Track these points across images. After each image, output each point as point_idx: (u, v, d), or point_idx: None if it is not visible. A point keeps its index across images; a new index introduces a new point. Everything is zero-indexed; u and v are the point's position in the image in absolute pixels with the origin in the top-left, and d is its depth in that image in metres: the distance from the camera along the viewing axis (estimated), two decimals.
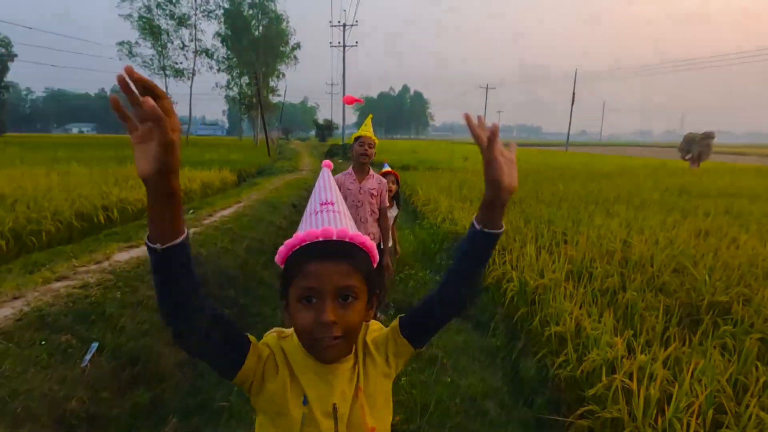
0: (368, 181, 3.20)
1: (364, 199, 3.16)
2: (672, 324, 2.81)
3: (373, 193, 3.19)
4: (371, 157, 3.16)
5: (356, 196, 3.18)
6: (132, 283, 3.61)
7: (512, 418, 2.34)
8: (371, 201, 3.18)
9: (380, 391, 0.89)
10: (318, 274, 0.80)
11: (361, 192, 3.16)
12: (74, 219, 6.05)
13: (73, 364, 2.62)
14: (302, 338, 0.83)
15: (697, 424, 1.80)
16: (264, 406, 0.85)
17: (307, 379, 0.84)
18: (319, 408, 0.83)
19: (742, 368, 2.30)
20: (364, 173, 3.22)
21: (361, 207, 3.17)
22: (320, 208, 0.89)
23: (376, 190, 3.20)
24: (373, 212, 3.21)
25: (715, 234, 5.21)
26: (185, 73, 34.87)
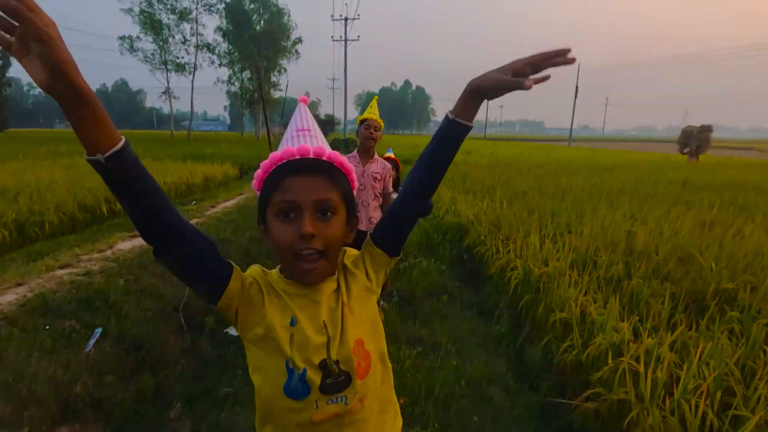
0: (372, 164, 3.17)
1: (367, 183, 3.13)
2: (678, 310, 2.79)
3: (377, 177, 3.14)
4: (377, 140, 3.12)
5: (359, 179, 3.14)
6: (135, 271, 3.61)
7: (517, 403, 2.33)
8: (374, 185, 3.15)
9: (365, 307, 0.90)
10: (296, 188, 0.80)
11: (365, 175, 3.13)
12: (77, 211, 6.05)
13: (77, 349, 2.62)
14: (283, 255, 0.82)
15: (705, 405, 1.79)
16: (251, 334, 0.84)
17: (293, 302, 0.84)
18: (308, 326, 0.83)
19: (749, 353, 2.29)
20: (369, 156, 3.17)
21: (363, 190, 3.13)
22: (296, 133, 0.88)
23: (379, 174, 3.16)
24: (376, 196, 3.17)
25: (720, 225, 5.17)
26: (187, 68, 34.78)
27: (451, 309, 3.62)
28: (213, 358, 3.34)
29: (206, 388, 2.95)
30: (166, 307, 3.45)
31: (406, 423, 2.17)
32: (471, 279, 4.52)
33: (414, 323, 3.31)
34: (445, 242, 5.37)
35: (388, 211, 0.95)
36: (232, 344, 3.46)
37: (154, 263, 3.87)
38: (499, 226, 5.16)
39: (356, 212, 0.92)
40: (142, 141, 26.37)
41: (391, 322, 3.32)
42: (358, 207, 3.20)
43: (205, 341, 3.54)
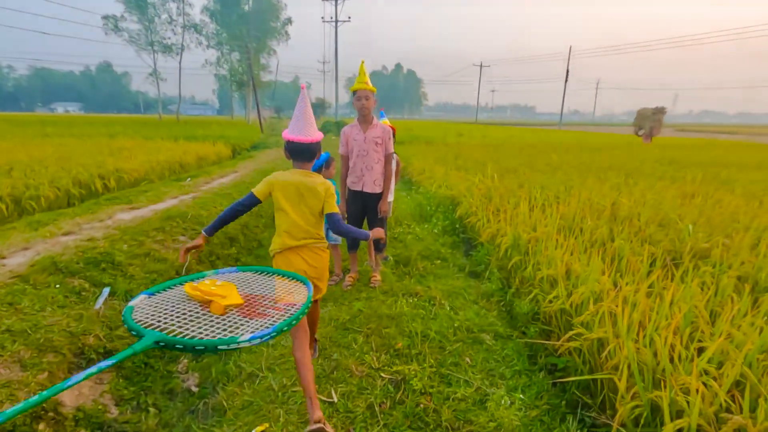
0: (372, 130, 3.35)
1: (369, 148, 3.34)
2: (656, 267, 2.97)
3: (378, 142, 3.34)
4: (370, 108, 3.28)
5: (362, 146, 3.35)
6: (138, 237, 3.70)
7: (506, 345, 2.51)
8: (376, 149, 3.35)
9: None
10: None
11: (366, 141, 3.33)
12: (72, 186, 6.07)
13: (88, 305, 2.74)
14: None
15: (674, 338, 1.97)
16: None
17: None
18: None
19: (719, 301, 2.48)
20: (368, 123, 3.36)
21: (366, 156, 3.35)
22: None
23: (380, 138, 3.36)
24: (379, 160, 3.38)
25: (702, 196, 5.38)
26: (174, 49, 34.07)
27: (444, 270, 3.79)
28: None
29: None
30: (169, 270, 3.56)
31: (404, 362, 2.35)
32: (463, 246, 4.69)
33: (410, 281, 3.48)
34: (438, 213, 5.52)
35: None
36: None
37: (155, 230, 3.97)
38: (490, 198, 5.32)
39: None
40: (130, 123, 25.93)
41: (388, 279, 3.48)
42: (363, 171, 3.38)
43: None
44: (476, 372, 2.20)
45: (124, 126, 22.22)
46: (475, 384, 2.08)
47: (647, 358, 1.90)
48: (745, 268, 2.92)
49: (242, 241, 4.96)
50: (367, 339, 2.45)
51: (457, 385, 2.08)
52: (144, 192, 5.65)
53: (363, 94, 3.23)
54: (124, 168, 7.45)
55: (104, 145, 10.27)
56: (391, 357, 2.27)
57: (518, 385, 2.14)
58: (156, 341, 1.07)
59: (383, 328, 2.54)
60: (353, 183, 3.44)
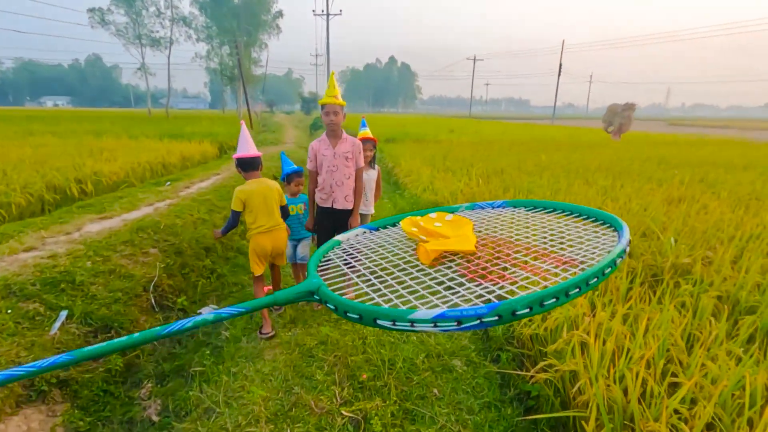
0: (342, 145, 3.21)
1: (339, 163, 3.19)
2: (635, 284, 2.89)
3: (348, 157, 3.20)
4: (338, 123, 3.14)
5: (331, 161, 3.20)
6: (103, 252, 3.56)
7: (478, 374, 2.42)
8: (346, 164, 3.21)
9: None
10: None
11: (336, 156, 3.19)
12: (45, 191, 5.89)
13: (42, 331, 2.61)
14: None
15: (647, 373, 1.89)
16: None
17: None
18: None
19: (697, 324, 2.40)
20: (338, 137, 3.22)
21: (336, 171, 3.21)
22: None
23: (350, 153, 3.22)
24: (350, 175, 3.25)
25: (688, 201, 5.32)
26: (162, 42, 33.50)
27: None
28: (185, 337, 3.36)
29: (178, 366, 2.97)
30: (136, 287, 3.43)
31: (368, 396, 2.25)
32: None
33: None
34: None
35: None
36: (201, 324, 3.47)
37: (123, 244, 3.83)
38: None
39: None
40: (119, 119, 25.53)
41: (361, 296, 3.37)
42: (333, 187, 3.23)
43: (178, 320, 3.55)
44: (443, 405, 2.11)
45: (112, 122, 21.86)
46: (441, 421, 1.99)
47: (617, 395, 1.81)
48: (726, 285, 2.84)
49: (219, 250, 4.83)
50: (332, 369, 2.34)
51: (422, 422, 1.98)
52: (119, 198, 5.48)
53: (332, 108, 3.07)
54: (103, 171, 7.26)
55: (86, 145, 10.04)
56: (354, 390, 2.17)
57: (486, 421, 2.04)
58: (310, 291, 0.85)
59: (349, 357, 2.43)
60: (322, 200, 3.31)
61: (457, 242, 0.91)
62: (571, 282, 0.68)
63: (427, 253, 0.87)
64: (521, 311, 0.63)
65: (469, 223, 1.02)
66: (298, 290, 0.86)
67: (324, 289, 0.84)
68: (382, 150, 13.57)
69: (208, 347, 3.13)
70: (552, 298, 0.66)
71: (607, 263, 0.75)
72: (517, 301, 0.64)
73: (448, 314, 0.63)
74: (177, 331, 0.78)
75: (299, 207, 3.74)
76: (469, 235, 0.95)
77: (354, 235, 1.14)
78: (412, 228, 1.00)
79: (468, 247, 0.89)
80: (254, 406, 2.09)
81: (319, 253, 1.03)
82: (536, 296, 0.64)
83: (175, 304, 3.66)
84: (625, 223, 0.91)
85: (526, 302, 0.64)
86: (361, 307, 0.72)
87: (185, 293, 3.88)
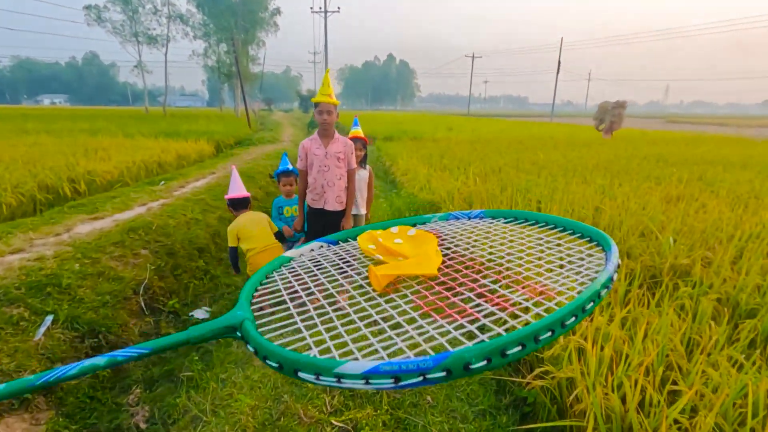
0: (334, 144, 3.16)
1: (331, 163, 3.15)
2: (634, 286, 2.84)
3: (340, 157, 3.16)
4: (331, 122, 3.08)
5: (323, 161, 3.15)
6: (92, 254, 3.49)
7: (473, 380, 2.36)
8: (338, 164, 3.17)
9: None
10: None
11: (327, 156, 3.15)
12: (37, 191, 5.81)
13: (26, 336, 2.54)
14: None
15: (645, 381, 1.83)
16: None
17: None
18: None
19: (696, 328, 2.35)
20: (329, 137, 3.17)
21: (327, 171, 3.17)
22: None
23: (342, 153, 3.18)
24: (341, 176, 3.21)
25: (686, 200, 5.27)
26: (159, 40, 33.32)
27: None
28: None
29: (167, 372, 2.91)
30: (125, 290, 3.36)
31: (358, 405, 2.19)
32: None
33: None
34: None
35: None
36: None
37: (113, 245, 3.76)
38: (471, 204, 5.16)
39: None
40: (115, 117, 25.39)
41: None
42: (324, 187, 3.20)
43: (168, 324, 3.48)
44: (437, 414, 2.05)
45: (108, 120, 21.71)
46: (434, 430, 1.93)
47: (615, 404, 1.75)
48: (726, 287, 2.79)
49: (213, 251, 4.77)
50: None
51: (415, 431, 1.92)
52: (112, 198, 5.41)
53: (325, 107, 3.02)
54: (97, 170, 7.18)
55: (80, 144, 9.95)
56: (345, 399, 2.11)
57: (481, 429, 1.99)
58: (232, 326, 0.71)
59: None
60: (314, 201, 3.27)
61: (415, 265, 0.80)
62: (543, 323, 0.55)
63: (377, 279, 0.76)
64: (477, 364, 0.50)
65: (433, 239, 0.90)
66: (216, 325, 0.72)
67: (247, 326, 0.70)
68: (380, 148, 13.50)
69: (198, 351, 3.06)
70: (517, 346, 0.52)
71: (588, 296, 0.63)
72: (472, 351, 0.51)
73: (382, 369, 0.50)
74: (57, 380, 0.64)
75: (294, 209, 3.71)
76: (431, 254, 0.84)
77: (309, 250, 1.04)
78: (369, 245, 0.90)
79: (428, 271, 0.78)
80: (242, 416, 2.03)
81: (261, 274, 0.90)
82: (496, 344, 0.51)
83: (166, 306, 3.60)
84: (614, 242, 0.80)
85: (484, 352, 0.51)
86: (280, 354, 0.60)
87: (177, 295, 3.82)
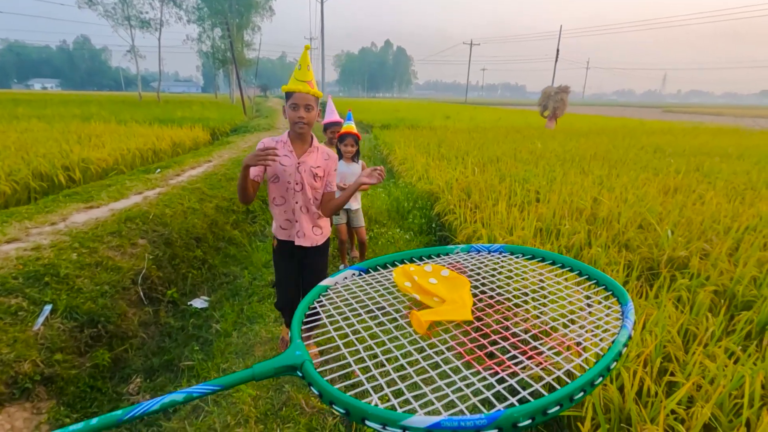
0: (311, 155, 2.21)
1: (305, 179, 2.19)
2: (632, 278, 2.86)
3: (318, 174, 2.22)
4: (311, 123, 2.13)
5: (293, 176, 2.18)
6: (89, 244, 3.46)
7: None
8: (314, 184, 2.23)
9: None
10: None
11: (300, 170, 2.18)
12: (31, 179, 5.74)
13: (25, 326, 2.53)
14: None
15: (644, 372, 1.86)
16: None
17: None
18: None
19: (694, 319, 2.37)
20: (306, 143, 2.22)
21: (300, 191, 2.21)
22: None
23: (321, 169, 2.23)
24: (315, 199, 2.28)
25: (684, 191, 5.29)
26: (152, 24, 32.67)
27: None
28: (175, 330, 3.30)
29: (167, 361, 2.92)
30: (123, 279, 3.35)
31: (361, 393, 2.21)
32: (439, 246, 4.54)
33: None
34: (415, 210, 5.34)
35: None
36: (193, 317, 3.41)
37: (110, 235, 3.73)
38: (469, 194, 5.16)
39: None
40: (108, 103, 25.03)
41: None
42: (296, 213, 2.27)
43: (168, 313, 3.48)
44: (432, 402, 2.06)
45: (101, 106, 21.42)
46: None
47: (613, 395, 1.78)
48: (723, 279, 2.81)
49: (210, 240, 4.75)
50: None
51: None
52: (107, 187, 5.36)
53: (303, 100, 2.04)
54: (91, 158, 7.09)
55: (73, 131, 9.81)
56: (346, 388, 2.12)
57: None
58: (293, 365, 0.71)
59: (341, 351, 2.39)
60: (280, 229, 2.32)
61: (453, 310, 0.85)
62: (577, 385, 0.62)
63: (421, 324, 0.81)
64: (523, 422, 0.58)
65: (466, 283, 0.94)
66: (279, 364, 0.71)
67: (308, 368, 0.70)
68: (377, 137, 13.42)
69: (198, 341, 3.07)
70: (555, 406, 0.60)
71: (612, 357, 0.68)
72: (521, 411, 0.58)
73: (444, 424, 0.57)
74: (142, 414, 0.65)
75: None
76: (465, 299, 0.88)
77: (342, 278, 1.03)
78: (405, 282, 0.93)
79: (464, 317, 0.84)
80: (243, 405, 2.04)
81: (304, 306, 0.87)
82: (540, 404, 0.59)
83: (165, 296, 3.59)
84: (630, 298, 0.82)
85: (530, 412, 0.58)
86: (348, 402, 0.63)
87: (175, 285, 3.81)
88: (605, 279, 0.91)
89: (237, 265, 4.40)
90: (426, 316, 0.82)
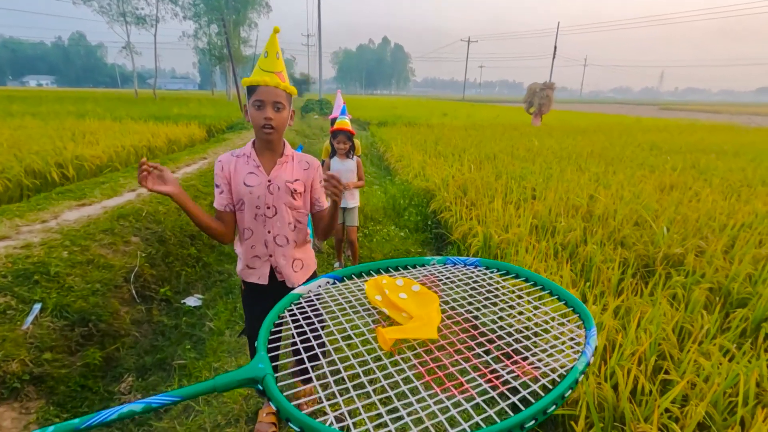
0: (283, 167, 1.71)
1: (280, 200, 1.70)
2: (627, 275, 2.85)
3: (297, 189, 1.72)
4: (281, 126, 1.63)
5: (262, 198, 1.68)
6: (81, 241, 3.42)
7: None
8: (293, 203, 1.73)
9: None
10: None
11: (272, 189, 1.68)
12: (24, 176, 5.69)
13: (13, 325, 2.50)
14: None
15: (638, 370, 1.84)
16: None
17: None
18: None
19: (689, 317, 2.36)
20: (276, 154, 1.71)
21: (273, 217, 1.72)
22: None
23: (301, 182, 1.73)
24: (298, 225, 1.79)
25: (680, 188, 5.29)
26: (148, 21, 32.44)
27: None
28: (168, 328, 3.27)
29: (159, 360, 2.89)
30: (116, 277, 3.32)
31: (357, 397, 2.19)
32: (435, 245, 4.52)
33: None
34: (411, 207, 5.32)
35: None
36: (186, 315, 3.38)
37: (103, 233, 3.69)
38: (465, 191, 5.14)
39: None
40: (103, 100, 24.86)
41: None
42: (269, 246, 1.76)
43: (161, 311, 3.45)
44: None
45: (96, 103, 21.29)
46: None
47: (608, 394, 1.77)
48: (718, 276, 2.80)
49: (204, 238, 4.71)
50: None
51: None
52: (101, 184, 5.31)
53: (270, 95, 1.55)
54: (85, 155, 7.03)
55: (68, 128, 9.73)
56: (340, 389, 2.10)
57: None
58: (253, 378, 0.68)
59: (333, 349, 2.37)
60: (247, 271, 1.81)
61: (418, 328, 0.84)
62: (530, 413, 0.60)
63: (386, 341, 0.80)
64: None
65: (435, 300, 0.93)
66: (240, 377, 0.69)
67: (269, 382, 0.67)
68: (374, 134, 13.37)
69: (191, 340, 3.05)
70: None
71: (568, 385, 0.66)
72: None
73: None
74: (99, 424, 0.63)
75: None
76: (432, 316, 0.87)
77: (317, 286, 0.99)
78: (376, 296, 0.93)
79: (429, 335, 0.82)
80: (234, 405, 2.02)
81: (274, 315, 0.83)
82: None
83: (158, 294, 3.56)
84: (594, 322, 0.81)
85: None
86: (303, 420, 0.60)
87: (169, 283, 3.78)
88: (574, 301, 0.91)
89: (231, 263, 4.36)
90: (391, 333, 0.81)
